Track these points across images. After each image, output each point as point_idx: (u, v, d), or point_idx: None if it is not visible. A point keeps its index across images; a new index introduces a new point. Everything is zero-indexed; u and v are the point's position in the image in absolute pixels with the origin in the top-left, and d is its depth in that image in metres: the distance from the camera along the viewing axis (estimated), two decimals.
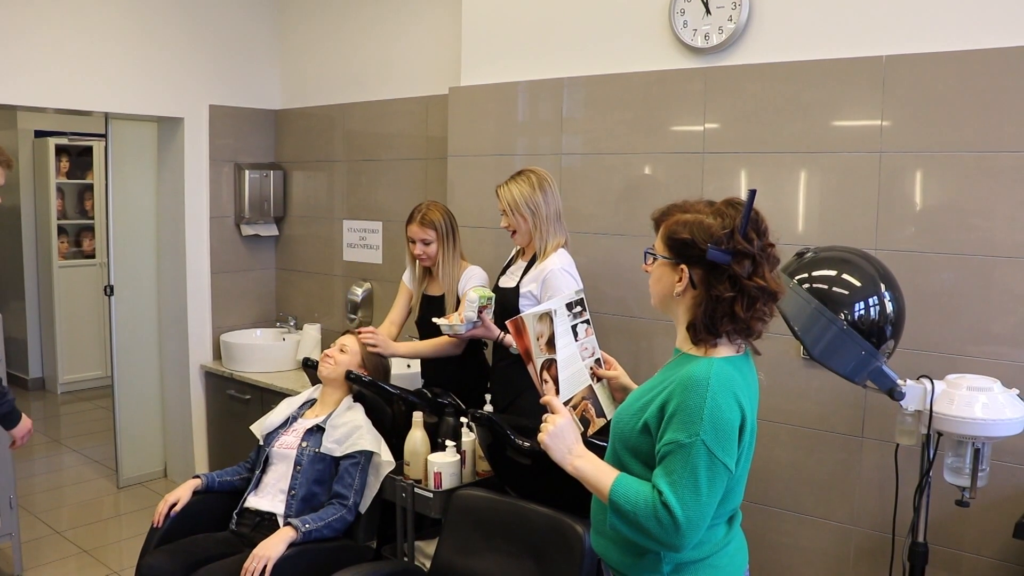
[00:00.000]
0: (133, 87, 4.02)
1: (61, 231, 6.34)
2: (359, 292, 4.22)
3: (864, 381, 2.06)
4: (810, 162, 2.67)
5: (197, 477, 2.76)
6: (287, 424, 2.81)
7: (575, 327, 1.86)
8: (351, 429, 2.68)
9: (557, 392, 1.76)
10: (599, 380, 1.92)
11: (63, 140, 6.29)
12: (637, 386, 1.76)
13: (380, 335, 2.94)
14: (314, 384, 3.03)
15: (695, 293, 1.57)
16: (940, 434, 2.07)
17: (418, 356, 3.13)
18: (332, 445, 2.65)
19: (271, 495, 2.67)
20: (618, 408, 1.70)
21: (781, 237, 1.63)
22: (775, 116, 2.71)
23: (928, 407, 2.02)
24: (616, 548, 1.64)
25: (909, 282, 2.29)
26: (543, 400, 1.72)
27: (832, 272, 2.07)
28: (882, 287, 2.05)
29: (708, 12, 2.81)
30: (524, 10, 3.34)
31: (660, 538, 1.47)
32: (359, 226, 4.27)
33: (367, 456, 2.65)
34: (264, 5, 4.55)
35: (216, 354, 4.47)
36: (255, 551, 2.38)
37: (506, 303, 2.83)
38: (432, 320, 2.87)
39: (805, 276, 2.07)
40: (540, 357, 1.76)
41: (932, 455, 2.10)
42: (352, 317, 4.24)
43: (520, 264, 2.91)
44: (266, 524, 2.60)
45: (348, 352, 2.87)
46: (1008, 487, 2.36)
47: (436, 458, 2.54)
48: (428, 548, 2.66)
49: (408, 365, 3.61)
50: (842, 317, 1.99)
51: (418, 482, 2.57)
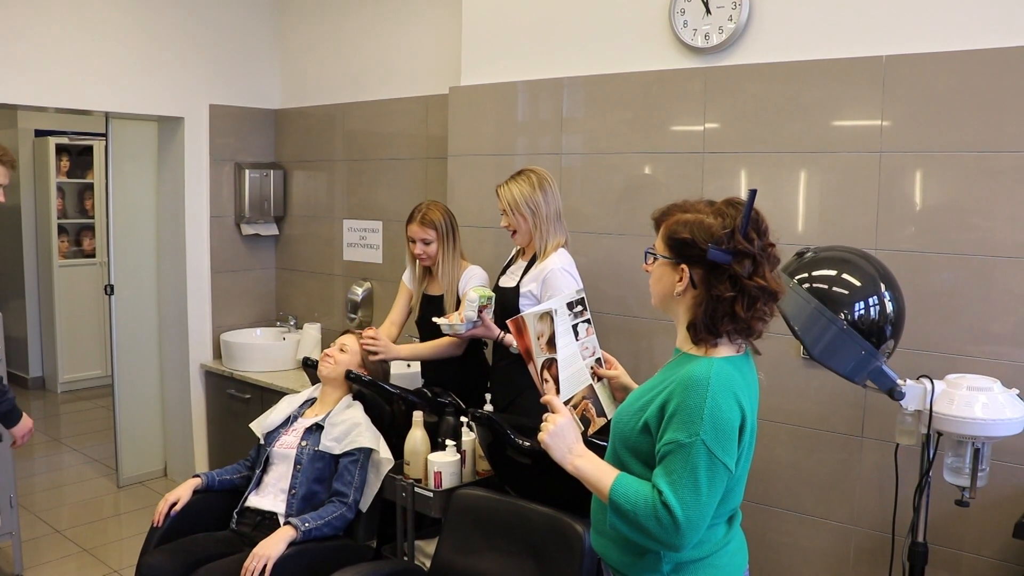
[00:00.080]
0: (133, 87, 4.02)
1: (61, 230, 6.34)
2: (359, 292, 4.22)
3: (864, 381, 2.06)
4: (810, 162, 2.67)
5: (197, 476, 2.76)
6: (287, 423, 2.82)
7: (576, 326, 1.86)
8: (350, 427, 2.68)
9: (558, 391, 1.76)
10: (600, 379, 1.92)
11: (63, 139, 6.29)
12: (637, 385, 1.76)
13: (382, 340, 2.94)
14: (314, 384, 3.03)
15: (695, 293, 1.57)
16: (940, 434, 2.07)
17: (419, 358, 3.13)
18: (331, 443, 2.66)
19: (272, 494, 2.67)
20: (618, 408, 1.71)
21: (781, 237, 1.63)
22: (775, 116, 2.71)
23: (928, 407, 2.03)
24: (616, 548, 1.64)
25: (909, 282, 2.29)
26: (544, 399, 1.72)
27: (832, 272, 2.08)
28: (882, 287, 2.05)
29: (708, 12, 2.81)
30: (524, 10, 3.34)
31: (660, 538, 1.47)
32: (359, 226, 4.27)
33: (366, 453, 2.66)
34: (264, 5, 4.54)
35: (216, 353, 4.47)
36: (255, 550, 2.38)
37: (506, 303, 2.83)
38: (432, 320, 2.88)
39: (805, 276, 2.07)
40: (541, 356, 1.76)
41: (932, 455, 2.10)
42: (352, 317, 4.24)
43: (520, 264, 2.91)
44: (267, 523, 2.60)
45: (348, 352, 2.87)
46: (1008, 487, 2.36)
47: (436, 457, 2.54)
48: (428, 547, 2.66)
49: (408, 365, 3.61)
50: (842, 317, 1.99)
51: (418, 481, 2.58)
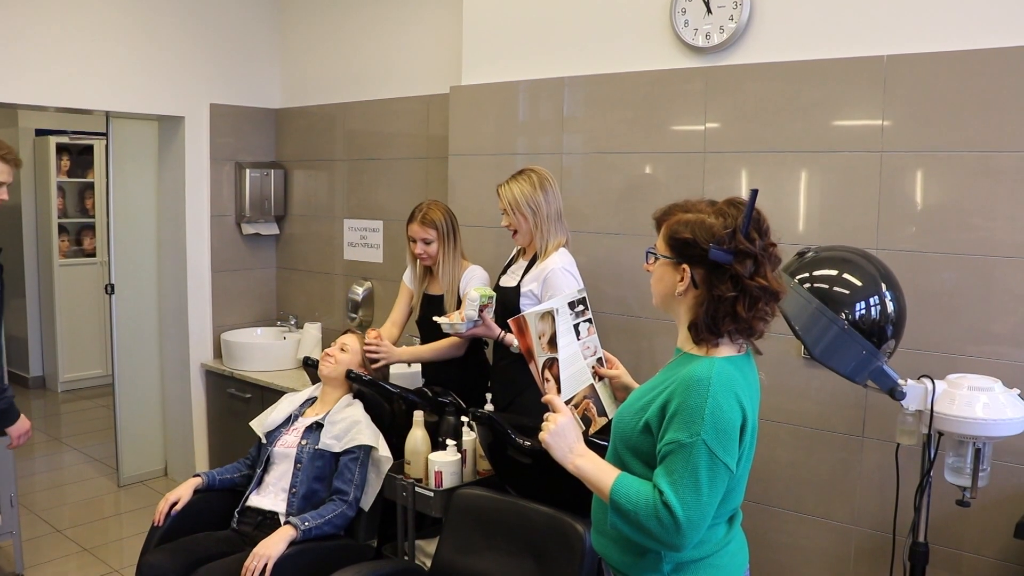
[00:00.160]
0: (134, 86, 4.02)
1: (62, 230, 6.34)
2: (360, 291, 4.22)
3: (865, 381, 2.05)
4: (811, 162, 2.67)
5: (198, 475, 2.77)
6: (288, 423, 2.82)
7: (577, 326, 1.86)
8: (349, 424, 2.68)
9: (559, 391, 1.76)
10: (601, 379, 1.92)
11: (64, 139, 6.28)
12: (638, 385, 1.76)
13: (384, 345, 2.94)
14: (315, 383, 3.03)
15: (697, 293, 1.57)
16: (941, 434, 2.07)
17: (420, 360, 3.13)
18: (331, 441, 2.66)
19: (273, 494, 2.67)
20: (619, 407, 1.71)
21: (782, 237, 1.63)
22: (776, 116, 2.71)
23: (929, 407, 2.02)
24: (617, 547, 1.64)
25: (910, 282, 2.29)
26: (545, 399, 1.72)
27: (833, 272, 2.07)
28: (883, 287, 2.04)
29: (709, 11, 2.81)
30: (525, 9, 3.34)
31: (661, 537, 1.47)
32: (360, 225, 4.27)
33: (366, 451, 2.66)
34: (265, 4, 4.54)
35: (217, 353, 4.47)
36: (255, 550, 2.38)
37: (507, 302, 2.83)
38: (433, 319, 2.88)
39: (806, 276, 2.06)
40: (542, 356, 1.76)
41: (933, 455, 2.10)
42: (353, 316, 4.24)
43: (521, 263, 2.91)
44: (268, 523, 2.60)
45: (349, 351, 2.87)
46: (1009, 487, 2.36)
47: (437, 457, 2.54)
48: (429, 547, 2.66)
49: (408, 364, 3.60)
50: (843, 317, 1.99)
51: (419, 481, 2.58)
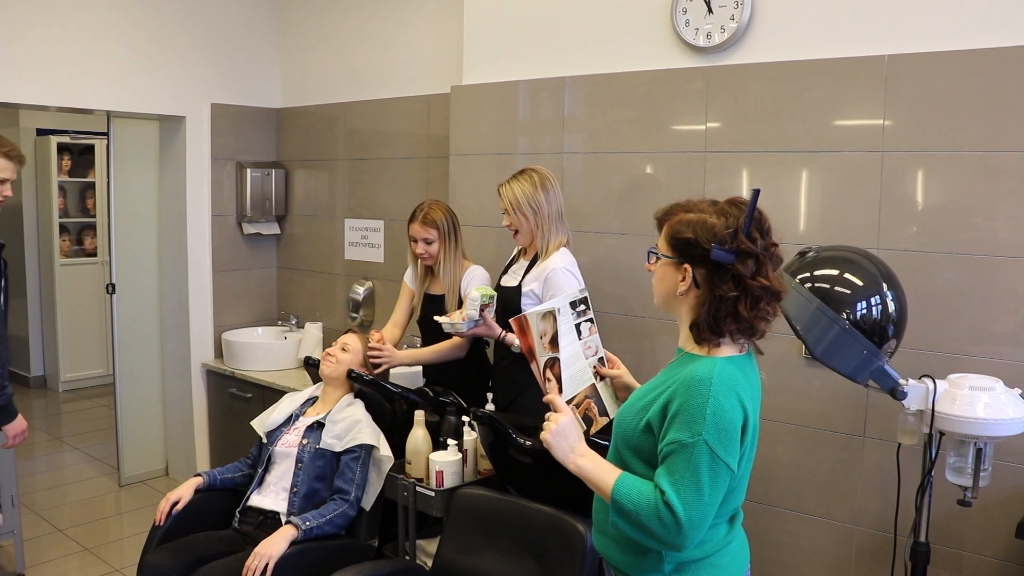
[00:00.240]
0: (135, 86, 4.02)
1: (63, 229, 6.34)
2: (360, 291, 4.22)
3: (866, 380, 2.05)
4: (812, 161, 2.67)
5: (199, 475, 2.77)
6: (289, 422, 2.82)
7: (578, 326, 1.86)
8: (351, 424, 2.68)
9: (560, 390, 1.76)
10: (602, 379, 1.92)
11: (65, 138, 6.29)
12: (640, 385, 1.76)
13: (386, 348, 2.94)
14: (316, 383, 3.03)
15: (698, 292, 1.57)
16: (942, 434, 2.07)
17: (422, 362, 3.13)
18: (332, 440, 2.66)
19: (274, 493, 2.67)
20: (621, 407, 1.71)
21: (783, 236, 1.63)
22: (777, 115, 2.71)
23: (930, 407, 2.02)
24: (618, 547, 1.64)
25: (911, 281, 2.29)
26: (546, 398, 1.72)
27: (834, 271, 2.07)
28: (884, 286, 2.04)
29: (710, 11, 2.81)
30: (526, 9, 3.33)
31: (662, 537, 1.47)
32: (361, 225, 4.27)
33: (367, 450, 2.66)
34: (265, 4, 4.54)
35: (218, 352, 4.47)
36: (256, 549, 2.38)
37: (508, 302, 2.83)
38: (434, 318, 2.88)
39: (807, 275, 2.06)
40: (543, 355, 1.76)
41: (934, 455, 2.10)
42: (353, 316, 4.24)
43: (522, 263, 2.91)
44: (269, 523, 2.61)
45: (350, 351, 2.88)
46: (1010, 487, 2.36)
47: (438, 457, 2.54)
48: (430, 547, 2.66)
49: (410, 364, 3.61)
50: (844, 316, 1.99)
51: (420, 481, 2.58)
